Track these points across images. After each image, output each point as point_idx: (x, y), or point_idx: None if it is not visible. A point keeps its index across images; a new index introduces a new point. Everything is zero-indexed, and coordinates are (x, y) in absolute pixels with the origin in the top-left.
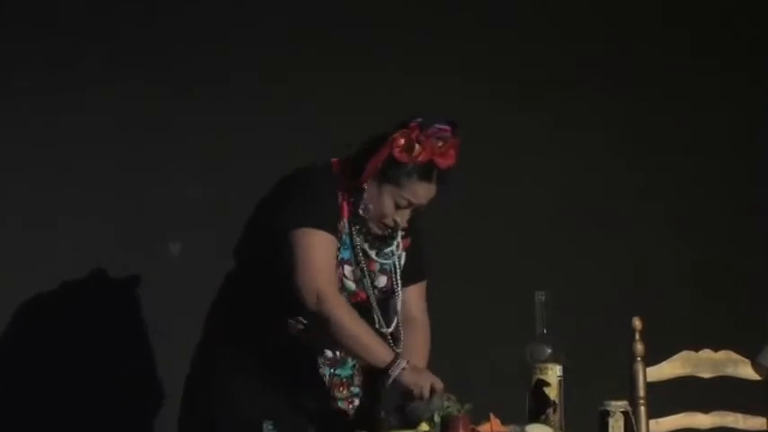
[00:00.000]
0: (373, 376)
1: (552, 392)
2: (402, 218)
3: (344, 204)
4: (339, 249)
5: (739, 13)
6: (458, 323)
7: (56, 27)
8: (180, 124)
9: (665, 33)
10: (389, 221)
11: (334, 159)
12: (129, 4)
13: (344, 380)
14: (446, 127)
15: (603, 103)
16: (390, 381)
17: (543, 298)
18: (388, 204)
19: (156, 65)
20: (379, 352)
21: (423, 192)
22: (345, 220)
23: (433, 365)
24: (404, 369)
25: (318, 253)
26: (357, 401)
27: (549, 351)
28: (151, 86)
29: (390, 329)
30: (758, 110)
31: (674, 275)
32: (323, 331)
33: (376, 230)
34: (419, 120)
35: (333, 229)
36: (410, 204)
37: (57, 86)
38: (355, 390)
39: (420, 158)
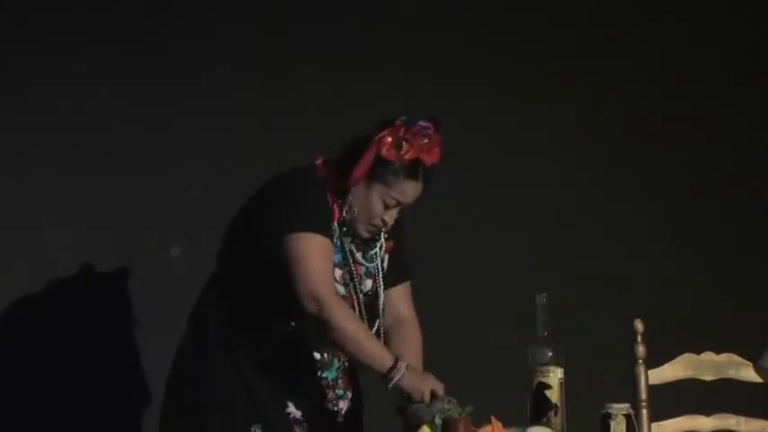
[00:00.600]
0: (356, 378)
1: (554, 395)
2: (390, 217)
3: (335, 206)
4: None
5: (739, 12)
6: (458, 325)
7: (56, 27)
8: (180, 124)
9: (665, 33)
10: (378, 222)
11: (317, 161)
12: (129, 4)
13: (330, 382)
14: (429, 124)
15: (604, 103)
16: (391, 385)
17: (544, 300)
18: (377, 204)
19: (155, 65)
20: (379, 356)
21: (411, 190)
22: (336, 222)
23: (434, 368)
24: (404, 373)
25: (315, 256)
26: (343, 404)
27: (551, 353)
28: (151, 86)
29: (372, 331)
30: (758, 110)
31: (675, 277)
32: (322, 335)
33: (363, 233)
34: (404, 118)
35: (327, 232)
36: (398, 203)
37: (57, 86)
38: (340, 392)
39: (408, 156)
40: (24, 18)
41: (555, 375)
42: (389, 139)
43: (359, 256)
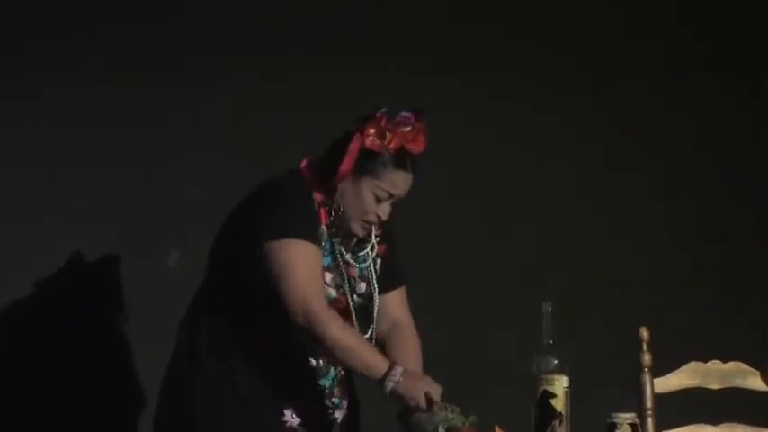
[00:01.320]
0: (352, 387)
1: (559, 404)
2: (384, 212)
3: (321, 210)
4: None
5: (740, 13)
6: (463, 333)
7: (56, 27)
8: (180, 124)
9: (666, 34)
10: (372, 217)
11: (301, 164)
12: (130, 4)
13: (326, 390)
14: (410, 115)
15: (606, 104)
16: (387, 390)
17: (550, 308)
18: (369, 199)
19: (156, 65)
20: (374, 362)
21: (401, 181)
22: (323, 225)
23: (438, 376)
24: (398, 381)
25: (301, 265)
26: (338, 413)
27: (556, 362)
28: (151, 86)
29: (366, 336)
30: (758, 110)
31: (682, 284)
32: (312, 344)
33: (358, 231)
34: (384, 109)
35: (314, 238)
36: (390, 196)
37: (57, 86)
38: (336, 401)
39: (392, 145)
40: (24, 18)
41: (560, 384)
42: (372, 130)
43: (348, 257)
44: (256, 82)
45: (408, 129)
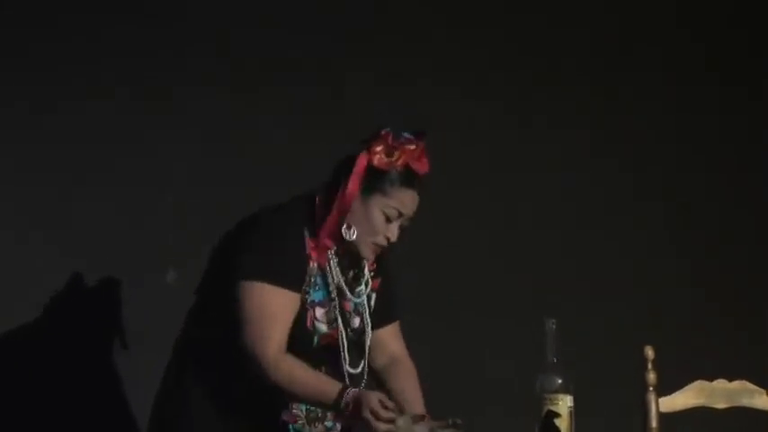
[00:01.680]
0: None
1: (563, 424)
2: (393, 234)
3: (317, 243)
4: (308, 292)
5: (738, 12)
6: (466, 353)
7: (55, 27)
8: (180, 125)
9: (666, 34)
10: (381, 239)
11: (314, 196)
12: (130, 6)
13: (320, 414)
14: (412, 137)
15: (606, 104)
16: (343, 404)
17: (553, 326)
18: (378, 218)
19: (155, 65)
20: (326, 386)
21: (409, 200)
22: (313, 264)
23: (441, 396)
24: (355, 393)
25: (263, 309)
26: None
27: (560, 381)
28: (151, 87)
29: (358, 370)
30: (758, 110)
31: (688, 303)
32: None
33: (368, 254)
34: (387, 128)
35: (289, 282)
36: (399, 215)
37: (57, 86)
38: (329, 424)
39: (399, 162)
40: (24, 18)
41: (564, 403)
42: (379, 148)
43: (346, 290)
44: (256, 82)
45: (413, 146)
